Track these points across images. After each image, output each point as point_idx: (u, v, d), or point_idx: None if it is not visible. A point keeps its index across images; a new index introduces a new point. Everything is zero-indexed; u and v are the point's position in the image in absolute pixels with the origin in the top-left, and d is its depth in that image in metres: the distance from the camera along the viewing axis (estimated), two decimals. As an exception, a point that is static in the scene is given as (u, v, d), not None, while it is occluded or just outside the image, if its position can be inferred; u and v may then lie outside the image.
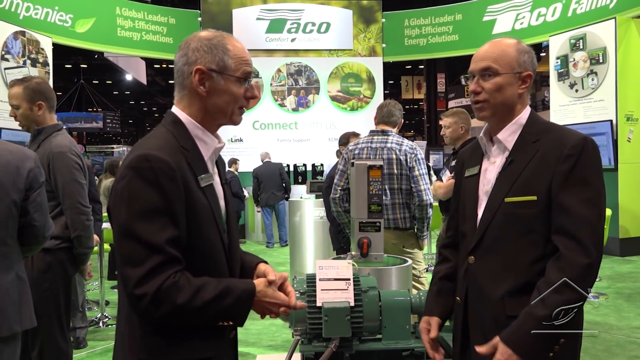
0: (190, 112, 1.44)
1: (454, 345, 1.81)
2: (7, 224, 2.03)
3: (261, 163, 10.07)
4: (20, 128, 2.95)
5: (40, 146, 2.79)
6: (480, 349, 1.55)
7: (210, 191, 1.42)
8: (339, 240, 4.68)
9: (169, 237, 1.29)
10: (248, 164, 11.33)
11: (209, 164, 1.46)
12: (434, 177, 6.29)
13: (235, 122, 1.49)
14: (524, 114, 1.68)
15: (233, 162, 10.42)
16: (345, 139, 5.08)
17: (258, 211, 10.25)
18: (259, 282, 1.41)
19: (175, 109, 1.46)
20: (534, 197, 1.56)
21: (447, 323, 2.04)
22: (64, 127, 2.97)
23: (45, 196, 2.22)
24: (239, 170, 10.55)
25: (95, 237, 4.42)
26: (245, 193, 10.51)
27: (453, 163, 4.14)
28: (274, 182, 9.73)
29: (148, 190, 1.28)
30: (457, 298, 1.78)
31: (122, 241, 1.30)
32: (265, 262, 1.58)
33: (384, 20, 12.35)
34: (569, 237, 1.51)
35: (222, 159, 1.65)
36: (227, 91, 1.43)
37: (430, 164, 11.33)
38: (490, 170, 1.70)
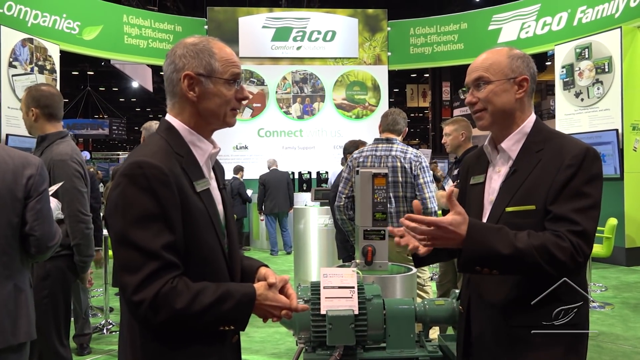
0: (183, 119, 1.45)
1: (457, 354, 1.81)
2: (5, 233, 1.99)
3: (267, 170, 10.07)
4: (26, 134, 2.97)
5: (43, 153, 2.80)
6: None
7: (207, 196, 1.42)
8: (347, 249, 4.67)
9: (165, 242, 1.29)
10: (253, 171, 11.35)
11: (205, 169, 1.46)
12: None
13: (230, 124, 1.49)
14: (529, 123, 1.67)
15: (239, 169, 10.45)
16: (353, 147, 5.06)
17: (262, 219, 10.22)
18: (259, 286, 1.40)
19: (168, 117, 1.47)
20: (533, 207, 1.56)
21: (452, 332, 2.04)
22: (70, 134, 2.98)
23: (49, 204, 2.16)
24: (243, 178, 10.56)
25: (100, 254, 4.44)
26: (249, 193, 10.56)
27: (455, 172, 4.14)
28: (282, 190, 9.70)
29: (142, 196, 1.28)
30: (460, 307, 1.78)
31: (119, 249, 1.30)
32: (266, 266, 1.58)
33: (389, 28, 12.38)
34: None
35: (220, 165, 1.65)
36: (217, 94, 1.43)
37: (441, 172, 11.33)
38: (495, 179, 1.70)
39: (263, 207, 9.86)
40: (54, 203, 2.46)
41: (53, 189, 2.57)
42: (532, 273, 1.52)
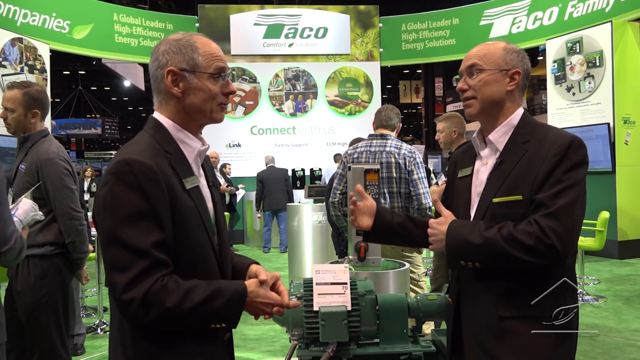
0: (170, 115, 1.44)
1: (446, 345, 1.81)
2: None
3: (265, 167, 10.03)
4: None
5: (28, 153, 2.78)
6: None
7: (196, 193, 1.41)
8: (340, 245, 4.68)
9: (154, 240, 1.28)
10: (247, 169, 11.33)
11: (194, 167, 1.45)
12: (433, 180, 6.29)
13: (217, 120, 1.47)
14: (516, 116, 1.69)
15: (223, 166, 10.43)
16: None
17: (259, 216, 10.17)
18: (250, 283, 1.40)
19: (155, 114, 1.46)
20: (519, 197, 1.57)
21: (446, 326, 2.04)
22: (63, 133, 2.96)
23: (4, 207, 2.00)
24: (231, 175, 10.54)
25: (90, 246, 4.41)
26: (242, 193, 10.54)
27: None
28: (280, 187, 9.68)
29: (130, 194, 1.27)
30: (449, 300, 1.79)
31: (108, 247, 1.29)
32: (257, 263, 1.57)
33: (381, 24, 12.37)
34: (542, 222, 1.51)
35: (209, 162, 1.63)
36: (202, 89, 1.42)
37: (431, 168, 11.36)
38: (483, 171, 1.71)
39: (262, 204, 9.82)
40: (27, 205, 2.36)
41: (26, 196, 2.46)
42: (508, 262, 1.54)
